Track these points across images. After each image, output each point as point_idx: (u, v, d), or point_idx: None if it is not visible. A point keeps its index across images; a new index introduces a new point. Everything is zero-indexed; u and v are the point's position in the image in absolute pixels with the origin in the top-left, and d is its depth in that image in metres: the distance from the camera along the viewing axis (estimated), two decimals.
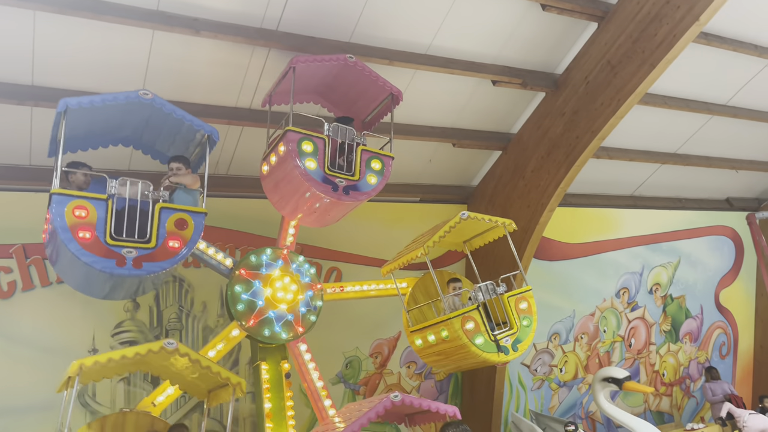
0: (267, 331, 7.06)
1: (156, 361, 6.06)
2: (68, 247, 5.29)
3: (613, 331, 12.18)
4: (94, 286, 6.05)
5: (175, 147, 6.64)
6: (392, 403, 5.59)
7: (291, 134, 6.54)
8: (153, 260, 5.59)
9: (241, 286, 7.09)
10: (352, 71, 7.06)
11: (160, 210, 5.74)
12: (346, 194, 6.73)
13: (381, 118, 7.65)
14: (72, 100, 5.50)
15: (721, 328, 13.75)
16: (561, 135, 8.91)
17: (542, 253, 10.76)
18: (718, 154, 11.80)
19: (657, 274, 12.65)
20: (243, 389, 5.98)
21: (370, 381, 9.79)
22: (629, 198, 12.11)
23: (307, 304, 7.37)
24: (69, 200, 5.39)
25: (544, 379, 11.38)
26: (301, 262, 7.55)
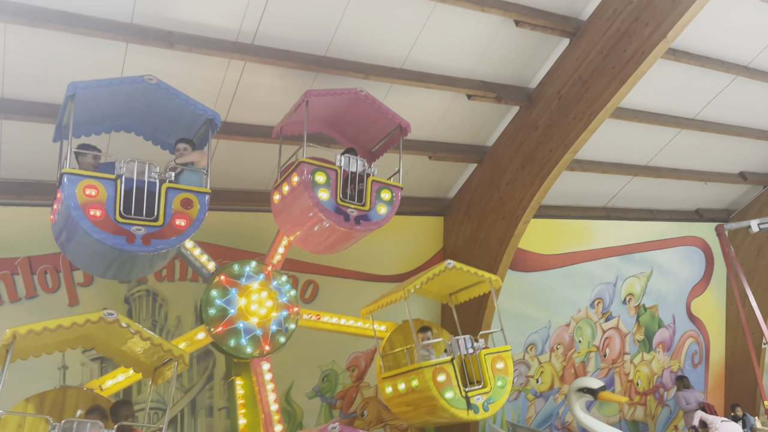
0: (232, 342, 6.94)
1: (97, 335, 5.92)
2: (80, 224, 5.42)
3: (588, 341, 12.31)
4: (102, 265, 6.14)
5: (176, 132, 6.69)
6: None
7: (305, 165, 6.70)
8: (161, 237, 5.74)
9: (217, 291, 7.04)
10: (362, 104, 7.22)
11: (166, 190, 5.87)
12: (358, 224, 6.89)
13: (388, 149, 7.85)
14: (80, 84, 5.61)
15: (693, 337, 13.99)
16: (535, 148, 9.04)
17: (518, 264, 10.87)
18: (687, 166, 12.07)
19: (630, 284, 12.85)
20: (186, 362, 5.86)
21: (347, 394, 9.74)
22: (602, 209, 12.30)
23: (279, 323, 7.26)
24: (80, 179, 5.52)
25: (521, 390, 11.45)
26: (283, 281, 7.51)
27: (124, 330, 5.52)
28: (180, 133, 6.63)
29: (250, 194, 8.80)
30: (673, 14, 7.28)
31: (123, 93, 6.00)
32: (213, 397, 8.55)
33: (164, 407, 8.20)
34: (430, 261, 10.56)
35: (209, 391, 8.55)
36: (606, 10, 8.05)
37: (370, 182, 7.08)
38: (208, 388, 8.54)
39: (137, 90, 5.98)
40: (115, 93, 5.94)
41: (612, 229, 12.39)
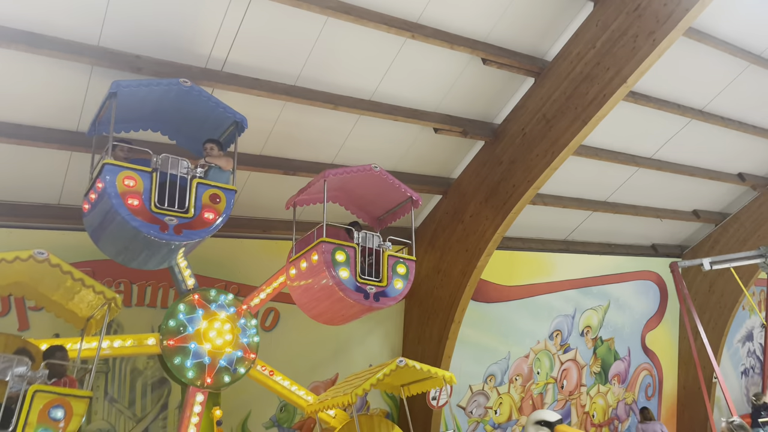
0: (177, 360, 6.83)
1: (30, 283, 5.92)
2: (119, 212, 5.77)
3: (547, 372, 12.45)
4: (132, 253, 6.39)
5: (201, 133, 6.94)
6: None
7: (325, 245, 6.92)
8: (191, 228, 6.12)
9: (185, 306, 7.02)
10: (375, 178, 7.50)
11: (196, 185, 6.26)
12: (377, 301, 7.10)
13: (396, 218, 8.16)
14: (123, 82, 6.00)
15: (647, 369, 14.28)
16: (498, 183, 9.20)
17: (479, 294, 10.96)
18: (644, 203, 12.44)
19: (588, 316, 13.08)
20: (118, 304, 5.83)
21: (305, 425, 9.59)
22: (562, 242, 12.55)
23: (230, 362, 7.12)
24: (120, 170, 5.88)
25: (480, 421, 11.47)
26: (251, 324, 7.48)
27: (54, 272, 5.50)
28: (205, 134, 6.91)
29: None
30: (633, 60, 7.58)
31: (156, 94, 6.38)
32: (166, 427, 8.31)
33: None
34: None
35: (162, 421, 8.31)
36: (570, 53, 8.31)
37: (386, 257, 7.32)
38: (162, 418, 8.31)
39: (170, 92, 6.37)
40: (149, 94, 6.31)
41: (571, 262, 12.64)
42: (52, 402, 5.06)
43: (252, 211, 8.81)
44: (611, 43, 7.76)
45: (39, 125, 6.96)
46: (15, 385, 5.07)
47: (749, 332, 16.04)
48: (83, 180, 6.68)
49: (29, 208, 7.55)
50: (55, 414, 5.05)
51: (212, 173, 6.62)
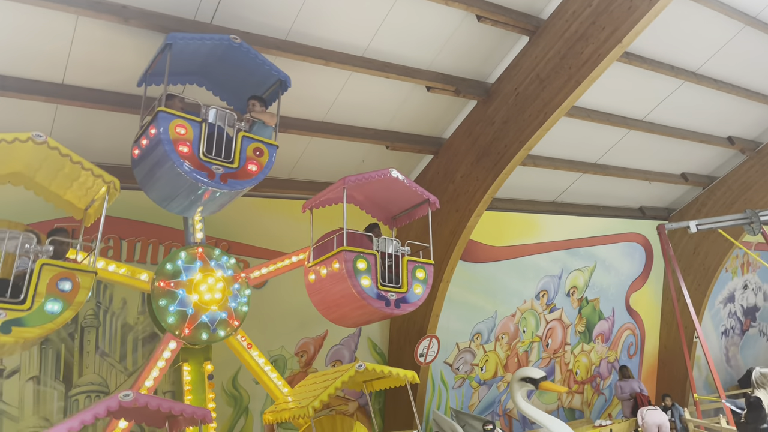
0: (204, 335, 6.94)
1: (27, 172, 5.94)
2: (170, 157, 5.98)
3: (532, 331, 12.68)
4: (178, 199, 6.55)
5: (244, 89, 7.09)
6: (119, 403, 5.06)
7: (346, 253, 6.95)
8: (236, 178, 6.36)
9: (165, 299, 6.85)
10: (393, 182, 7.51)
11: (242, 138, 6.47)
12: (398, 307, 7.19)
13: (412, 218, 8.22)
14: (178, 35, 6.19)
15: (630, 329, 14.59)
16: (490, 143, 9.17)
17: (468, 255, 11.06)
18: (634, 165, 12.49)
19: (575, 277, 13.27)
20: (117, 187, 5.92)
21: (295, 379, 9.73)
22: (552, 204, 12.62)
23: (236, 297, 7.28)
24: (172, 118, 6.08)
25: (466, 378, 11.72)
26: (218, 255, 7.39)
27: (53, 155, 5.48)
28: (248, 91, 7.04)
29: None
30: (629, 20, 7.49)
31: (205, 49, 6.55)
32: None
33: (106, 390, 8.04)
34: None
35: None
36: (565, 12, 8.19)
37: (405, 262, 7.37)
38: None
39: (219, 48, 6.54)
40: (199, 48, 6.48)
41: (560, 223, 12.74)
42: (59, 275, 5.33)
43: None
44: (608, 1, 7.65)
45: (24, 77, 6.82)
46: (23, 260, 5.26)
47: (731, 294, 16.38)
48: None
49: None
50: (63, 286, 5.34)
51: (256, 128, 6.80)
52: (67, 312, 5.38)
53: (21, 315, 5.12)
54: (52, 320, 5.28)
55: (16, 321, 5.09)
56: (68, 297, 5.38)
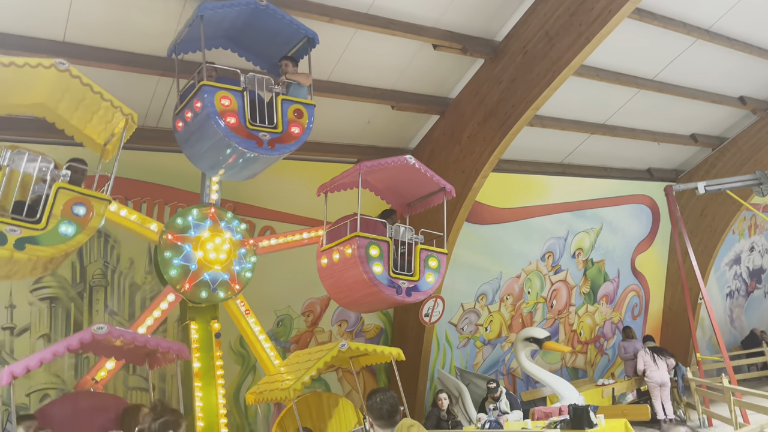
0: (204, 293, 6.99)
1: (49, 103, 5.97)
2: (220, 130, 6.11)
3: (537, 292, 12.75)
4: (227, 167, 6.71)
5: (271, 49, 7.15)
6: (93, 335, 5.12)
7: (359, 239, 6.88)
8: (282, 142, 6.48)
9: (170, 252, 6.91)
10: (409, 170, 7.40)
11: (282, 101, 6.55)
12: (409, 296, 7.16)
13: (427, 206, 8.11)
14: (209, 5, 6.22)
15: (634, 290, 14.64)
16: (497, 103, 9.04)
17: (473, 217, 11.03)
18: (642, 126, 12.32)
19: (580, 239, 13.26)
20: (135, 120, 5.96)
21: (302, 339, 9.89)
22: (559, 165, 12.52)
23: (241, 261, 7.32)
24: (216, 90, 6.18)
25: (470, 338, 11.85)
26: (230, 218, 7.42)
27: (74, 84, 5.51)
28: (275, 51, 7.11)
29: None
30: None
31: (232, 14, 6.56)
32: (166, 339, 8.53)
33: None
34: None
35: (162, 334, 8.51)
36: None
37: (418, 251, 7.29)
38: (161, 331, 8.49)
39: (245, 11, 6.55)
40: (227, 14, 6.49)
41: (566, 185, 12.66)
42: (74, 199, 5.47)
43: None
44: None
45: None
46: (40, 185, 5.36)
47: (737, 256, 16.36)
48: None
49: None
50: (77, 210, 5.48)
51: (292, 89, 6.83)
52: (80, 236, 5.51)
53: (35, 234, 5.24)
54: (65, 242, 5.41)
55: (31, 239, 5.21)
56: (82, 221, 5.52)
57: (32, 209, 5.33)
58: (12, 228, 5.13)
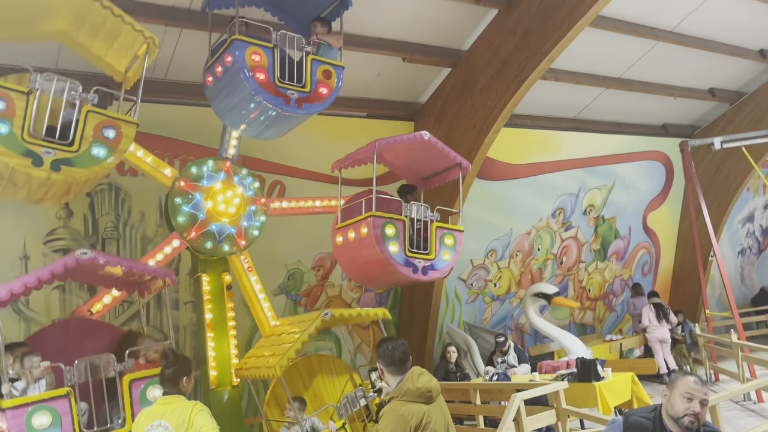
0: (209, 244, 7.00)
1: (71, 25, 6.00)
2: (249, 85, 6.10)
3: (547, 249, 12.73)
4: (253, 124, 6.73)
5: (303, 9, 7.14)
6: (76, 260, 5.11)
7: (375, 219, 6.78)
8: (310, 102, 6.48)
9: (181, 198, 6.93)
10: (425, 146, 7.26)
11: (311, 61, 6.53)
12: (425, 275, 7.06)
13: (443, 181, 7.99)
14: None
15: (645, 248, 14.59)
16: (511, 55, 8.84)
17: (484, 172, 10.94)
18: (659, 80, 12.04)
19: (592, 196, 13.16)
20: (156, 44, 6.03)
21: (312, 293, 9.99)
22: (572, 121, 12.32)
23: (249, 218, 7.30)
24: (247, 45, 6.17)
25: (479, 293, 11.91)
26: (244, 175, 7.41)
27: (95, 7, 5.53)
28: (307, 11, 7.10)
29: None
30: None
31: None
32: (179, 291, 8.66)
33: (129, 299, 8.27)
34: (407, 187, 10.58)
35: (174, 286, 8.63)
36: None
37: (434, 229, 7.17)
38: None
39: None
40: None
41: (579, 141, 12.49)
42: (103, 122, 5.59)
43: None
44: None
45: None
46: (68, 111, 5.47)
47: (751, 214, 16.20)
48: None
49: None
50: (107, 133, 5.61)
51: (322, 50, 6.81)
52: (112, 158, 5.65)
53: (70, 156, 5.39)
54: (98, 164, 5.57)
55: (66, 161, 5.36)
56: (112, 144, 5.65)
57: (63, 133, 5.42)
58: (47, 150, 5.26)
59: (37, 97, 5.27)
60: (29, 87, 5.27)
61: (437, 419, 3.59)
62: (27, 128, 5.21)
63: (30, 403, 4.93)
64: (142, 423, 4.47)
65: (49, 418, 4.94)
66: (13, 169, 5.18)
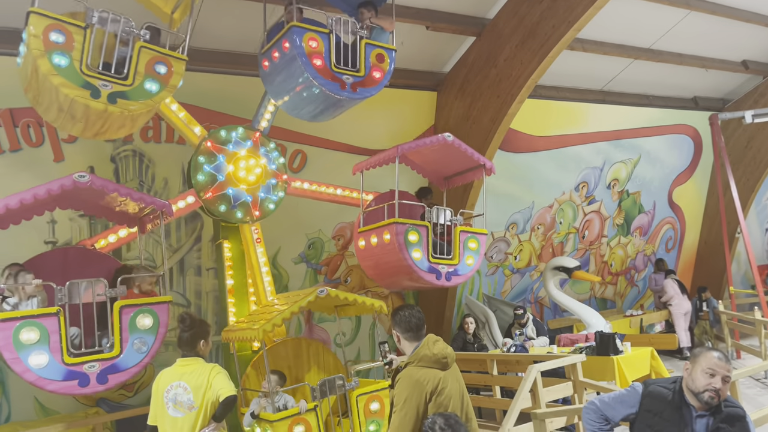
0: (223, 207, 7.03)
1: None
2: (306, 71, 6.21)
3: (569, 223, 12.62)
4: (309, 108, 6.85)
5: None
6: (74, 182, 5.06)
7: (398, 226, 6.76)
8: (364, 86, 6.58)
9: (204, 157, 7.00)
10: (448, 148, 7.21)
11: (365, 45, 6.60)
12: (448, 280, 7.06)
13: (465, 181, 8.01)
14: None
15: (670, 223, 14.39)
16: (537, 23, 8.65)
17: (507, 144, 10.81)
18: (690, 51, 11.71)
19: (617, 169, 12.96)
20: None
21: (332, 262, 10.06)
22: (599, 93, 12.08)
23: (268, 190, 7.30)
24: (305, 32, 6.27)
25: (499, 266, 11.89)
26: (271, 148, 7.42)
27: None
28: None
29: (238, 56, 8.48)
30: None
31: None
32: (201, 258, 8.78)
33: (153, 264, 8.43)
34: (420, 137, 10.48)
35: (197, 252, 8.77)
36: None
37: (458, 233, 7.13)
38: (196, 249, 8.75)
39: None
40: None
41: (605, 113, 12.25)
42: (155, 58, 5.73)
43: None
44: None
45: None
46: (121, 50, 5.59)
47: None
48: None
49: None
50: (159, 68, 5.78)
51: (375, 33, 6.86)
52: (163, 92, 5.82)
53: (125, 89, 5.55)
54: (151, 98, 5.72)
55: (121, 94, 5.53)
56: (164, 79, 5.78)
57: (117, 68, 5.58)
58: (104, 83, 5.41)
59: (93, 32, 5.41)
60: (86, 22, 5.40)
61: (452, 386, 3.63)
62: (85, 62, 5.37)
63: (19, 318, 4.90)
64: (162, 383, 4.61)
65: (37, 335, 4.90)
66: (73, 101, 5.31)
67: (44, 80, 5.28)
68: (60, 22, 5.31)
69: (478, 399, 8.40)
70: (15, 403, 7.47)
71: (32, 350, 4.89)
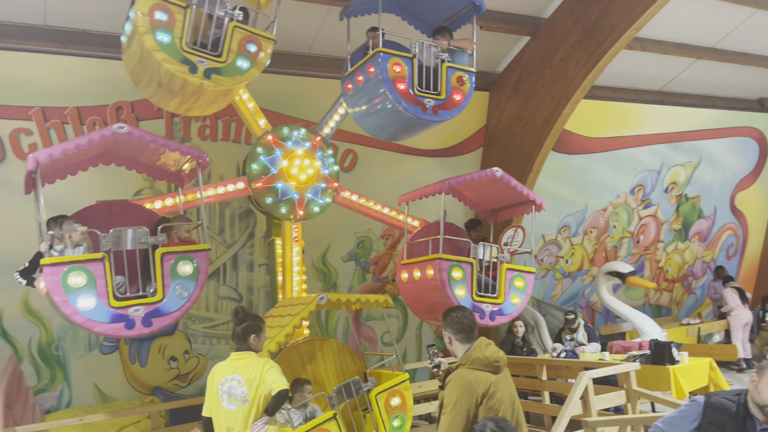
0: (269, 199, 7.07)
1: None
2: (390, 95, 6.44)
3: (623, 227, 12.30)
4: (391, 129, 7.08)
5: (433, 13, 7.30)
6: (113, 133, 5.24)
7: (442, 262, 6.69)
8: (445, 109, 6.73)
9: (263, 149, 7.11)
10: (496, 183, 7.15)
11: (446, 68, 6.75)
12: (492, 320, 6.92)
13: (513, 215, 7.85)
14: None
15: (731, 229, 13.83)
16: (595, 23, 8.47)
17: (560, 145, 10.61)
18: (758, 51, 11.22)
19: (675, 173, 12.54)
20: None
21: (380, 261, 10.10)
22: (657, 93, 11.72)
23: (316, 193, 7.29)
24: (389, 57, 6.49)
25: (550, 269, 11.69)
26: (328, 154, 7.46)
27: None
28: (439, 14, 7.24)
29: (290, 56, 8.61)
30: None
31: None
32: (254, 254, 8.96)
33: None
34: (471, 137, 10.43)
35: (250, 248, 8.95)
36: None
37: (504, 271, 6.96)
38: (249, 245, 8.93)
39: None
40: None
41: (664, 114, 11.87)
42: (246, 38, 5.98)
43: (331, 50, 8.65)
44: None
45: None
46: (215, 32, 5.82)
47: None
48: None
49: None
50: (250, 47, 6.00)
51: (455, 56, 6.97)
52: (253, 70, 6.04)
53: (219, 66, 5.83)
54: (242, 74, 5.97)
55: (216, 70, 5.80)
56: (254, 57, 6.02)
57: (213, 46, 5.86)
58: (201, 59, 5.71)
59: (193, 11, 5.68)
60: (186, 2, 5.68)
61: (503, 390, 3.59)
62: (184, 39, 5.65)
63: (66, 263, 5.10)
64: (217, 376, 4.72)
65: (84, 279, 5.10)
66: (173, 76, 5.59)
67: (148, 56, 5.56)
68: (163, 2, 5.60)
69: (527, 404, 8.27)
70: (76, 389, 7.80)
71: (80, 294, 5.10)
